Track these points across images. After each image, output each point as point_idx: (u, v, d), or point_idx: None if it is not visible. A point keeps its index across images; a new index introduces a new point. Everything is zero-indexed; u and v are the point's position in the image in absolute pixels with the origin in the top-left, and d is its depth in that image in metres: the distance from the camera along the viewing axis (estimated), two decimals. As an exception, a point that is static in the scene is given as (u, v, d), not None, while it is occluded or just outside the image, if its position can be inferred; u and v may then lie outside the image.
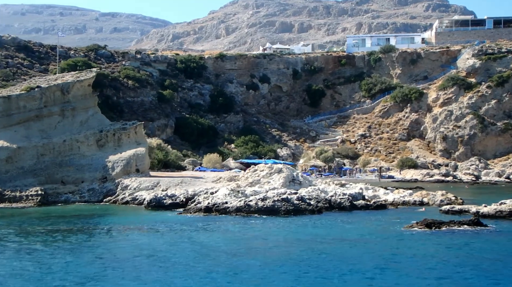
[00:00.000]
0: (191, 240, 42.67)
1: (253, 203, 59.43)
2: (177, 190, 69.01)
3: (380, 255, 37.00)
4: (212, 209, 59.19)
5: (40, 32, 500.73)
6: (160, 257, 36.32)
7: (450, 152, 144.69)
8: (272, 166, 73.11)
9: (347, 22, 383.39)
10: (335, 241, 42.40)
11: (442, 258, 36.34)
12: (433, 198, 71.02)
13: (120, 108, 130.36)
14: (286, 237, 44.15)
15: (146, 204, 65.76)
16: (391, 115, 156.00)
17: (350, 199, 64.86)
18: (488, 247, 40.04)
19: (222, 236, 44.75)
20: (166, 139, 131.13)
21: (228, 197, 61.52)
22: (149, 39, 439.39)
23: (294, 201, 60.70)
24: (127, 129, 77.44)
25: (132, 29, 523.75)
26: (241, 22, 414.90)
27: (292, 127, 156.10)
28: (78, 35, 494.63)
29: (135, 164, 74.82)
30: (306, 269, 32.95)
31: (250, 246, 40.58)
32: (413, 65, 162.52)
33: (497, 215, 56.04)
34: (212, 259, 35.59)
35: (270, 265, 34.03)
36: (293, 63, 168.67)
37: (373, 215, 58.63)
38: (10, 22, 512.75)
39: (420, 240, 42.87)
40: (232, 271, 32.34)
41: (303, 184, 70.61)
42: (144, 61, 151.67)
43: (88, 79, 79.84)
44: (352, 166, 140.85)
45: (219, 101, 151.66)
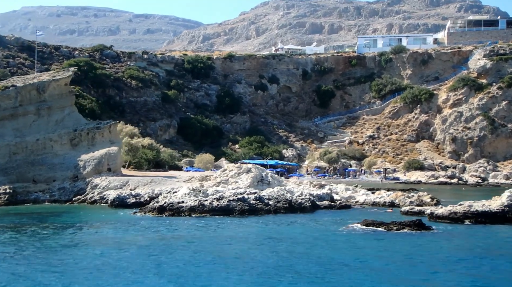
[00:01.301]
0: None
1: (208, 203, 58.79)
2: (144, 189, 68.85)
3: (278, 254, 36.39)
4: (166, 209, 58.58)
5: (75, 33, 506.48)
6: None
7: (459, 154, 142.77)
8: (241, 166, 72.70)
9: (378, 23, 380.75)
10: (257, 241, 41.63)
11: (339, 256, 35.72)
12: (403, 200, 69.82)
13: (121, 108, 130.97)
14: (201, 236, 43.46)
15: (110, 203, 65.74)
16: (400, 116, 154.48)
17: (312, 199, 63.87)
18: (400, 248, 39.00)
19: (139, 234, 44.40)
20: (169, 139, 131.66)
21: (186, 196, 60.98)
22: (180, 40, 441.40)
23: (251, 201, 59.96)
24: (101, 128, 77.54)
25: (165, 30, 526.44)
26: (271, 23, 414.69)
27: (300, 128, 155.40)
28: (111, 36, 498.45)
29: (107, 163, 74.81)
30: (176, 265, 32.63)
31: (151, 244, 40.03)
32: (424, 65, 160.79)
33: (450, 217, 54.64)
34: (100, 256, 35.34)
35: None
36: (303, 64, 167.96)
37: (331, 215, 57.73)
38: (46, 24, 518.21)
39: (345, 240, 42.03)
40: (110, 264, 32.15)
41: (272, 184, 69.97)
42: (151, 62, 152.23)
43: (64, 78, 79.84)
44: (358, 168, 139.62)
45: (225, 102, 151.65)
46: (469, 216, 54.48)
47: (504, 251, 38.51)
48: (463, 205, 57.37)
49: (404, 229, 47.77)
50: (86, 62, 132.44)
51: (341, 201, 68.41)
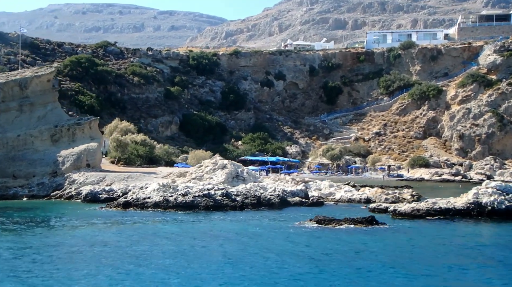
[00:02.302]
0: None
1: (172, 198, 58.56)
2: (119, 185, 68.76)
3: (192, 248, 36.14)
4: (131, 204, 58.50)
5: (100, 30, 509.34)
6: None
7: (466, 151, 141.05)
8: (217, 162, 72.15)
9: (403, 18, 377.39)
10: (200, 237, 41.08)
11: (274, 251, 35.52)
12: (379, 196, 68.99)
13: (122, 104, 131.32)
14: (148, 232, 43.20)
15: (83, 198, 65.81)
16: (408, 112, 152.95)
17: (281, 196, 63.21)
18: (339, 244, 38.41)
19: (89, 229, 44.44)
20: (170, 135, 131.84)
21: (154, 192, 60.71)
22: (203, 36, 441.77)
23: (217, 197, 59.52)
24: (82, 124, 77.63)
25: (189, 27, 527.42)
26: (294, 19, 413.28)
27: (305, 125, 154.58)
28: (136, 33, 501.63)
29: (85, 159, 74.87)
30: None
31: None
32: (433, 61, 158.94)
33: (413, 214, 53.79)
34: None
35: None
36: (310, 60, 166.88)
37: (295, 212, 56.86)
38: (71, 21, 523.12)
39: (283, 237, 41.36)
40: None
41: (247, 180, 69.51)
42: (156, 58, 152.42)
43: (47, 74, 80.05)
44: (362, 165, 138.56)
45: (230, 98, 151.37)
46: (432, 213, 53.59)
47: (437, 247, 37.69)
48: (427, 202, 56.63)
49: (355, 225, 47.00)
50: (87, 58, 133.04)
51: (314, 198, 67.45)
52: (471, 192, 56.08)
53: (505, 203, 53.26)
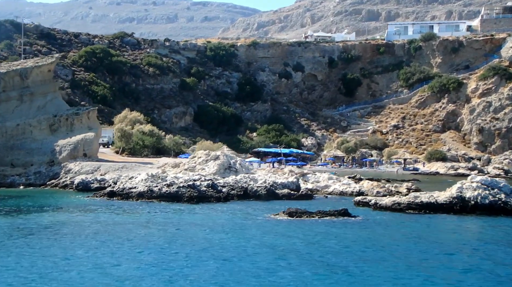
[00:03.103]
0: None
1: (157, 188, 58.64)
2: (112, 175, 69.10)
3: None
4: (116, 194, 58.79)
5: (134, 21, 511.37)
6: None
7: (486, 145, 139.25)
8: (209, 153, 72.14)
9: (437, 10, 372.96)
10: (162, 226, 41.18)
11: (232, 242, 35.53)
12: (372, 189, 68.35)
13: (136, 95, 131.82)
14: (104, 220, 43.40)
15: (74, 187, 66.42)
16: (427, 105, 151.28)
17: (268, 188, 62.87)
18: (294, 236, 38.03)
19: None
20: (184, 126, 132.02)
21: (141, 182, 60.86)
22: (235, 28, 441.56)
23: (202, 188, 59.47)
24: (80, 114, 78.25)
25: (222, 18, 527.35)
26: (327, 10, 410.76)
27: (323, 117, 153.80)
28: (169, 24, 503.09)
29: (82, 148, 75.61)
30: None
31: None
32: (454, 53, 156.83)
33: (393, 208, 53.26)
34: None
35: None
36: (329, 51, 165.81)
37: (279, 204, 56.09)
38: (106, 12, 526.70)
39: (247, 228, 41.35)
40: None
41: (239, 172, 69.30)
42: (173, 49, 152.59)
43: (47, 64, 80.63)
44: (379, 158, 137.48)
45: (246, 90, 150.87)
46: (413, 207, 53.03)
47: (400, 241, 37.23)
48: (409, 196, 56.10)
49: (326, 218, 46.59)
50: (102, 49, 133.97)
51: (304, 190, 66.92)
52: (455, 186, 55.39)
53: (488, 198, 52.57)
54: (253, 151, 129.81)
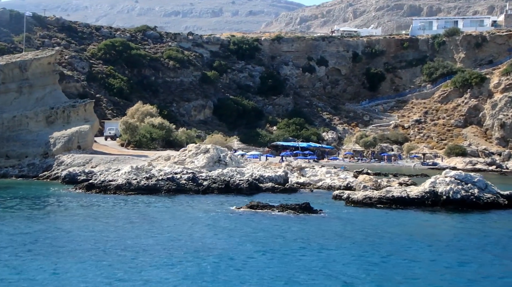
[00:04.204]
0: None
1: (135, 181, 59.72)
2: (102, 167, 70.37)
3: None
4: (94, 186, 59.83)
5: (179, 15, 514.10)
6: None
7: (507, 141, 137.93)
8: (200, 146, 73.23)
9: (479, 5, 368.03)
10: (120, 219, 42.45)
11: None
12: (359, 184, 68.67)
13: (155, 88, 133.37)
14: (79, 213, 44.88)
15: (61, 180, 67.60)
16: (450, 100, 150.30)
17: (250, 181, 63.66)
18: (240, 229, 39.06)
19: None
20: (203, 119, 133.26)
21: (123, 175, 62.08)
22: (278, 22, 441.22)
23: (182, 181, 60.57)
24: (76, 107, 79.69)
25: (267, 12, 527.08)
26: (369, 5, 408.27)
27: (345, 111, 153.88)
28: (214, 18, 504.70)
29: (77, 141, 76.93)
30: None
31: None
32: (477, 49, 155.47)
33: (364, 202, 53.75)
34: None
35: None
36: (353, 46, 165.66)
37: (257, 197, 56.54)
38: (152, 5, 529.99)
39: (219, 220, 42.73)
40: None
41: (229, 165, 70.16)
42: (196, 43, 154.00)
43: (47, 57, 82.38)
44: (399, 152, 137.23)
45: (268, 83, 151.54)
46: (384, 201, 53.39)
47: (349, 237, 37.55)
48: (381, 190, 56.52)
49: (287, 212, 47.20)
50: (122, 42, 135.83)
51: (290, 184, 67.61)
52: (429, 181, 55.75)
53: (461, 193, 52.74)
54: (271, 144, 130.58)
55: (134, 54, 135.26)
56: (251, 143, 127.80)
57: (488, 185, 55.45)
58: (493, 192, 54.78)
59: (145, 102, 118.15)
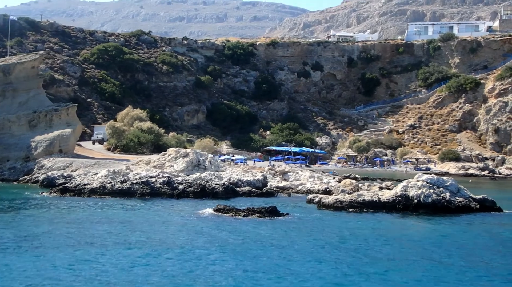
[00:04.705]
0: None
1: (110, 185, 59.93)
2: (81, 171, 70.50)
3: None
4: (68, 190, 59.96)
5: (184, 20, 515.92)
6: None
7: (501, 146, 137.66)
8: (179, 150, 73.29)
9: (482, 11, 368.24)
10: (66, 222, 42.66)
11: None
12: (337, 188, 68.64)
13: (147, 92, 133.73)
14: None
15: (39, 183, 67.79)
16: (445, 105, 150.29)
17: (226, 185, 63.76)
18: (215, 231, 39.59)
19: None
20: (196, 124, 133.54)
21: (100, 178, 62.28)
22: (282, 27, 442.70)
23: (156, 184, 60.73)
24: (59, 111, 79.86)
25: (271, 17, 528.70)
26: (372, 11, 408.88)
27: (340, 116, 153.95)
28: (219, 24, 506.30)
29: (58, 144, 77.07)
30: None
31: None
32: (472, 54, 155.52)
33: (335, 206, 53.83)
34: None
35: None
36: (349, 51, 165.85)
37: (231, 202, 56.76)
38: (156, 11, 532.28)
39: (178, 222, 43.34)
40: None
41: (208, 169, 70.19)
42: (191, 47, 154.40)
43: (30, 61, 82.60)
44: (393, 157, 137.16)
45: (263, 88, 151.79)
46: (355, 205, 53.50)
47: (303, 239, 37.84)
48: (352, 194, 56.58)
49: (253, 215, 47.28)
50: (115, 47, 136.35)
51: (268, 188, 67.68)
52: (400, 185, 55.97)
53: (432, 197, 52.88)
54: (264, 149, 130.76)
55: (127, 58, 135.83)
56: (244, 148, 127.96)
57: (461, 189, 55.59)
58: (465, 196, 54.84)
59: (137, 107, 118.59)
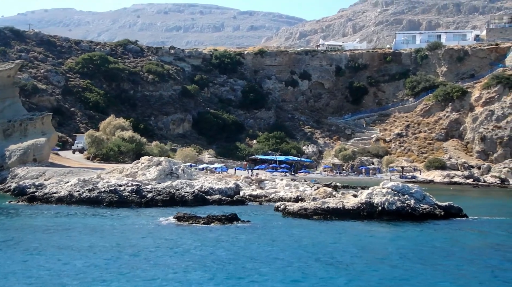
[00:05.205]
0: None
1: (77, 193, 60.15)
2: (54, 180, 70.61)
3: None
4: (36, 198, 60.24)
5: (180, 30, 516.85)
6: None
7: (488, 154, 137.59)
8: (152, 159, 73.47)
9: (477, 20, 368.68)
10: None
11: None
12: (309, 195, 68.70)
13: (133, 101, 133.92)
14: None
15: (11, 192, 67.93)
16: (432, 114, 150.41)
17: (196, 193, 63.90)
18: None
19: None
20: (182, 133, 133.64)
21: (70, 187, 62.48)
22: (278, 37, 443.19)
23: (125, 193, 60.84)
24: (34, 120, 79.99)
25: (268, 27, 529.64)
26: (368, 20, 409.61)
27: (327, 125, 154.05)
28: (216, 33, 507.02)
29: (32, 153, 77.13)
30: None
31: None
32: (459, 62, 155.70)
33: (300, 213, 53.93)
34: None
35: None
36: (337, 60, 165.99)
37: (205, 209, 57.21)
38: (153, 21, 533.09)
39: (134, 230, 43.67)
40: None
41: (181, 177, 70.35)
42: (178, 57, 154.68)
43: (6, 70, 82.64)
44: (378, 166, 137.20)
45: (250, 97, 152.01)
46: (319, 213, 53.60)
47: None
48: (317, 201, 56.65)
49: (214, 223, 47.46)
50: (100, 56, 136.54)
51: (239, 197, 67.87)
52: (365, 192, 56.12)
53: (396, 204, 53.04)
54: (249, 158, 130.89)
55: (112, 68, 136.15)
56: (229, 157, 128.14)
57: (426, 196, 55.79)
58: (430, 203, 55.03)
59: (122, 116, 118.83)
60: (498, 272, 32.22)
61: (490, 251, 39.09)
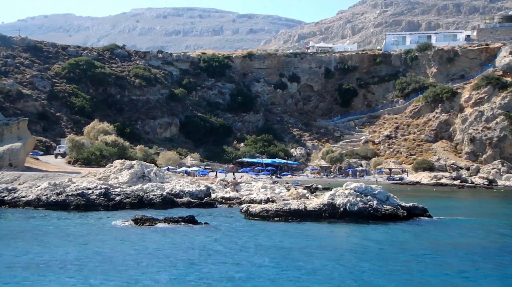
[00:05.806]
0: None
1: (45, 197, 60.22)
2: (28, 184, 70.58)
3: None
4: (4, 202, 60.40)
5: (180, 34, 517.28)
6: None
7: (477, 155, 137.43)
8: (125, 162, 73.46)
9: (477, 20, 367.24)
10: None
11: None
12: (279, 197, 68.73)
13: (119, 106, 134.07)
14: None
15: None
16: (422, 115, 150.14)
17: (164, 196, 63.97)
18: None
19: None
20: (169, 137, 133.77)
21: (38, 191, 62.55)
22: (277, 39, 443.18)
23: (92, 196, 60.88)
24: (10, 125, 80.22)
25: (267, 30, 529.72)
26: (367, 21, 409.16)
27: (316, 127, 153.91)
28: (215, 37, 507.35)
29: (8, 158, 77.29)
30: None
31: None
32: (449, 63, 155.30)
33: (261, 215, 53.80)
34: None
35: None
36: (326, 62, 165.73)
37: (171, 212, 57.07)
38: (152, 25, 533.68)
39: (89, 233, 43.59)
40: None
41: (153, 180, 70.46)
42: (166, 61, 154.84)
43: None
44: (366, 168, 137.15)
45: (238, 100, 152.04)
46: (281, 214, 53.46)
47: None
48: (278, 203, 56.65)
49: (171, 224, 47.52)
50: (86, 61, 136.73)
51: (209, 199, 67.88)
52: (328, 193, 56.07)
53: (358, 205, 53.00)
54: (236, 161, 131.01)
55: (98, 72, 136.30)
56: (216, 160, 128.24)
57: (390, 197, 55.67)
58: (393, 204, 54.91)
59: (109, 120, 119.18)
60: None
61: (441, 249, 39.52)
